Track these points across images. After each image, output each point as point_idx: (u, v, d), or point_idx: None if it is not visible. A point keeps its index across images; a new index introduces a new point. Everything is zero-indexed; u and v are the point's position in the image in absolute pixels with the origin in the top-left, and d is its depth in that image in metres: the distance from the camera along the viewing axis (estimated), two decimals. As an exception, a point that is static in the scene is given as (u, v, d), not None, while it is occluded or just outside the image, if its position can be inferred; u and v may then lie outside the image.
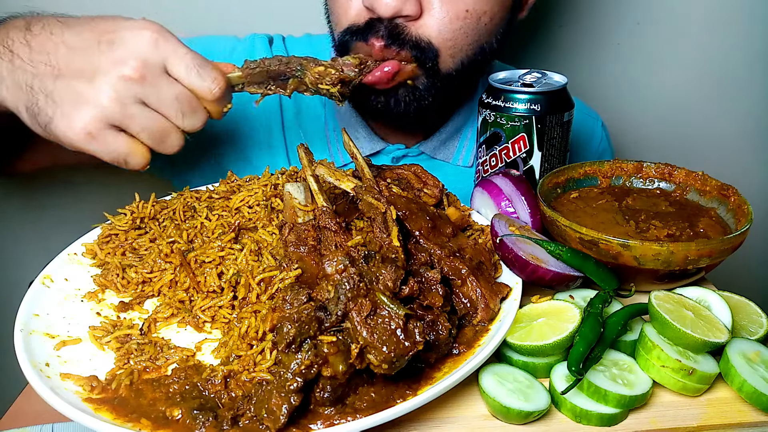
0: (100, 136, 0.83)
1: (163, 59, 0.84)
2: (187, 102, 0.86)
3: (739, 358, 0.74)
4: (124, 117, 0.83)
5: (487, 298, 0.80)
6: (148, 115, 0.84)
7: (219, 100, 0.89)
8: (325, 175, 0.92)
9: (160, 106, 0.85)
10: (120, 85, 0.81)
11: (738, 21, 1.75)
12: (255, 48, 1.31)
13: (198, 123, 0.89)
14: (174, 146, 0.88)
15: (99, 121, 0.82)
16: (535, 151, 1.04)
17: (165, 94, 0.85)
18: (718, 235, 0.90)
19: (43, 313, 0.81)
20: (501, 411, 0.70)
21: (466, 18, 1.07)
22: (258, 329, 0.74)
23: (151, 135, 0.85)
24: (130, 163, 0.87)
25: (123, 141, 0.85)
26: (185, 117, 0.87)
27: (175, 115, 0.86)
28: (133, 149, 0.86)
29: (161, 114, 0.85)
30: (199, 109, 0.88)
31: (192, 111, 0.87)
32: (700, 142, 1.89)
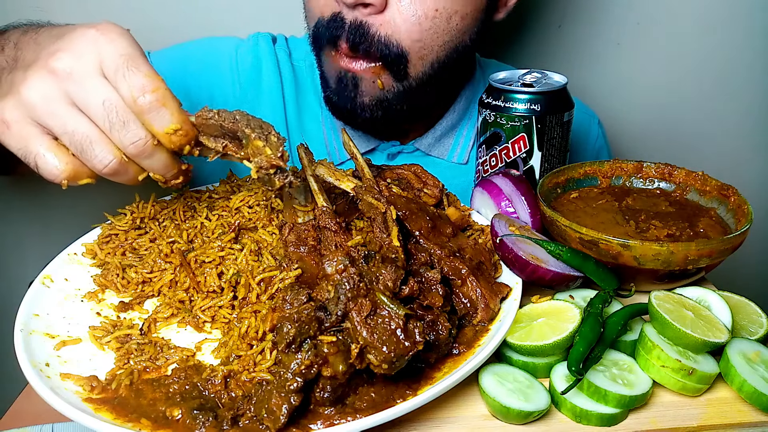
0: (16, 127, 0.74)
1: (100, 59, 0.74)
2: (115, 109, 0.73)
3: (739, 358, 0.74)
4: (45, 113, 0.73)
5: (487, 298, 0.80)
6: (74, 117, 0.73)
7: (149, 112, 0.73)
8: (325, 175, 0.92)
9: (88, 108, 0.73)
10: (48, 78, 0.73)
11: (738, 21, 1.75)
12: (258, 47, 1.31)
13: (128, 138, 0.73)
14: (100, 160, 0.74)
15: (18, 111, 0.74)
16: (535, 151, 1.04)
17: (92, 95, 0.73)
18: (718, 235, 0.90)
19: (43, 313, 0.81)
20: (501, 411, 0.70)
21: (435, 17, 1.05)
22: (258, 329, 0.74)
23: (72, 140, 0.74)
24: (40, 167, 0.75)
25: (40, 140, 0.74)
26: (113, 127, 0.73)
27: (103, 121, 0.73)
28: (49, 151, 0.74)
29: (91, 119, 0.74)
30: (129, 119, 0.73)
31: (121, 121, 0.73)
32: (700, 142, 1.89)
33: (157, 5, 1.53)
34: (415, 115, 1.21)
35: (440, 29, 1.07)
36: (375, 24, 1.04)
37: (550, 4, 1.69)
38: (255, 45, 1.31)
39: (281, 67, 1.31)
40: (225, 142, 0.82)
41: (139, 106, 0.73)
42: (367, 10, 1.03)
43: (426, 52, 1.09)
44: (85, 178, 0.77)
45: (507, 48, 1.73)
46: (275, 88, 1.29)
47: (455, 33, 1.10)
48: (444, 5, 1.05)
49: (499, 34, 1.71)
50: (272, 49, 1.31)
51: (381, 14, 1.04)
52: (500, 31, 1.71)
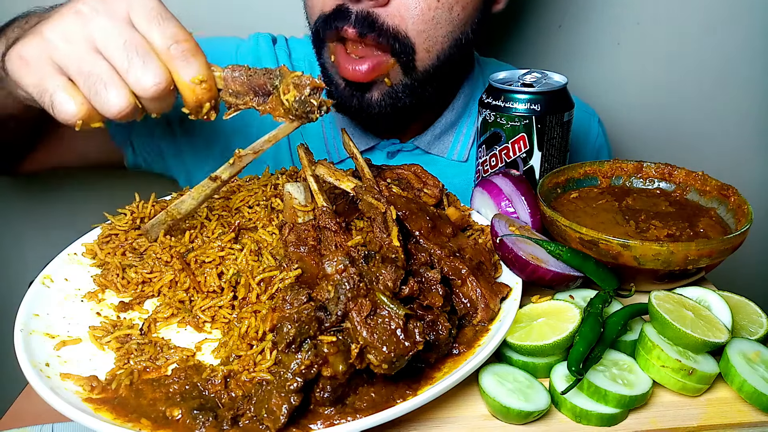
0: (35, 65, 0.75)
1: (128, 7, 0.76)
2: (138, 48, 0.75)
3: (739, 358, 0.74)
4: (64, 53, 0.75)
5: (487, 298, 0.80)
6: (92, 58, 0.75)
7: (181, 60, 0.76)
8: (325, 175, 0.92)
9: (108, 49, 0.74)
10: (72, 18, 0.75)
11: (738, 21, 1.75)
12: (259, 47, 1.31)
13: (149, 79, 0.75)
14: (111, 103, 0.74)
15: (38, 49, 0.75)
16: (535, 151, 1.04)
17: (115, 36, 0.74)
18: (718, 235, 0.90)
19: (43, 313, 0.81)
20: (501, 411, 0.70)
21: (438, 8, 1.07)
22: (258, 329, 0.74)
23: (87, 81, 0.74)
24: (55, 107, 0.75)
25: (57, 80, 0.75)
26: (133, 66, 0.74)
27: (122, 62, 0.74)
28: (65, 91, 0.75)
29: (108, 60, 0.75)
30: (151, 60, 0.75)
31: (143, 61, 0.74)
32: (700, 142, 1.89)
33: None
34: (420, 110, 1.21)
35: (443, 19, 1.08)
36: (382, 14, 1.05)
37: (550, 4, 1.69)
38: (255, 45, 1.31)
39: None
40: (247, 99, 0.85)
41: (171, 54, 0.75)
42: (372, 2, 1.04)
43: (431, 44, 1.10)
44: (96, 121, 0.77)
45: (507, 48, 1.73)
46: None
47: (457, 23, 1.11)
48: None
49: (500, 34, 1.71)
50: (272, 49, 1.32)
51: (386, 6, 1.05)
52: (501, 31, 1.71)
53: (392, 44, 1.07)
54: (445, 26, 1.09)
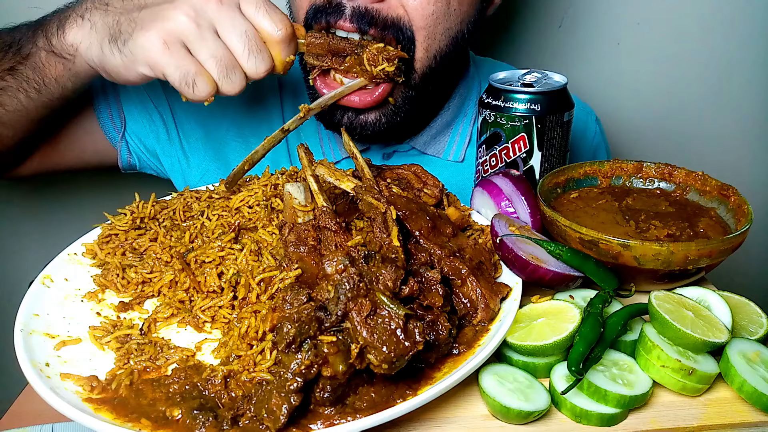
0: (175, 49, 0.86)
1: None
2: (254, 39, 0.90)
3: (739, 358, 0.74)
4: (197, 38, 0.87)
5: (487, 298, 0.80)
6: (219, 43, 0.88)
7: (284, 43, 0.92)
8: (325, 175, 0.92)
9: (230, 38, 0.89)
10: (198, 4, 0.87)
11: (738, 21, 1.75)
12: None
13: (262, 66, 0.91)
14: (236, 85, 0.91)
15: (174, 35, 0.86)
16: (535, 151, 1.04)
17: (236, 26, 0.88)
18: (718, 235, 0.90)
19: (43, 313, 0.81)
20: (501, 411, 0.70)
21: (437, 2, 1.06)
22: (258, 329, 0.74)
23: (218, 64, 0.88)
24: (198, 87, 0.89)
25: (195, 64, 0.88)
26: (250, 55, 0.90)
27: (242, 50, 0.89)
28: (202, 72, 0.88)
29: (228, 45, 0.89)
30: (264, 50, 0.91)
31: (258, 50, 0.90)
32: (700, 142, 1.89)
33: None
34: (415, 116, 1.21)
35: (441, 14, 1.08)
36: (381, 9, 1.05)
37: (550, 4, 1.69)
38: None
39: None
40: (326, 60, 1.03)
41: (278, 38, 0.92)
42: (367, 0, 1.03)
43: (430, 42, 1.09)
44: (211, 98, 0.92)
45: (507, 48, 1.73)
46: (275, 89, 1.29)
47: (454, 19, 1.11)
48: None
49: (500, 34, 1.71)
50: None
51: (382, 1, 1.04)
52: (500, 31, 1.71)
53: (397, 36, 1.06)
54: (443, 22, 1.09)
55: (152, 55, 0.88)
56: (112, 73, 0.94)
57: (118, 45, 0.90)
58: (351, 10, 1.04)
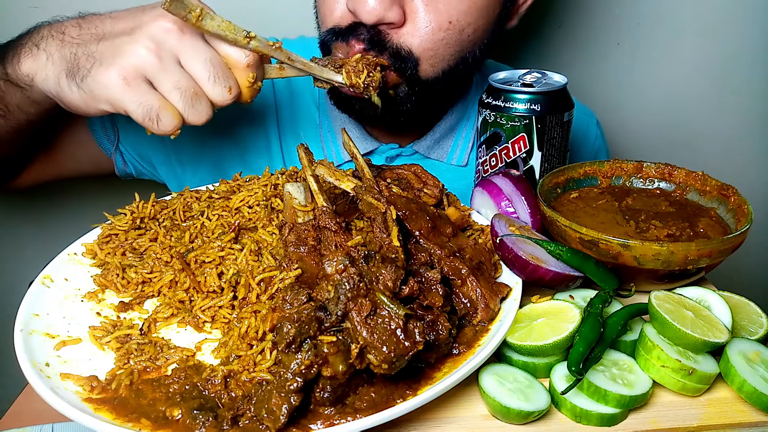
0: (135, 85, 0.82)
1: None
2: (219, 66, 0.86)
3: (739, 358, 0.74)
4: (159, 71, 0.83)
5: (487, 298, 0.80)
6: (182, 73, 0.84)
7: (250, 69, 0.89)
8: (325, 175, 0.91)
9: (193, 66, 0.84)
10: (159, 36, 0.82)
11: (738, 21, 1.75)
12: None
13: (227, 93, 0.87)
14: (202, 114, 0.87)
15: (135, 70, 0.82)
16: (535, 151, 1.04)
17: (200, 54, 0.84)
18: (718, 235, 0.90)
19: (43, 313, 0.81)
20: (501, 411, 0.70)
21: (449, 30, 1.06)
22: (258, 329, 0.74)
23: (183, 95, 0.84)
24: (163, 122, 0.85)
25: (156, 97, 0.84)
26: (216, 82, 0.85)
27: (206, 78, 0.85)
28: (165, 105, 0.84)
29: (193, 76, 0.85)
30: (229, 76, 0.87)
31: (223, 77, 0.86)
32: (700, 142, 1.89)
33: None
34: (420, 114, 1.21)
35: (452, 40, 1.08)
36: (391, 34, 1.05)
37: (550, 4, 1.69)
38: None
39: None
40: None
41: (243, 63, 0.88)
42: (386, 24, 1.04)
43: (436, 61, 1.09)
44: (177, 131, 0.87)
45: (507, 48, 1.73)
46: (268, 93, 1.29)
47: (466, 44, 1.10)
48: (458, 18, 1.06)
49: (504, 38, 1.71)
50: None
51: (399, 28, 1.05)
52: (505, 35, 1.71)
53: (393, 62, 1.06)
54: (453, 46, 1.08)
55: (112, 93, 0.83)
56: (71, 107, 0.89)
57: (77, 81, 0.85)
58: (368, 32, 1.04)
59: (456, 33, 1.07)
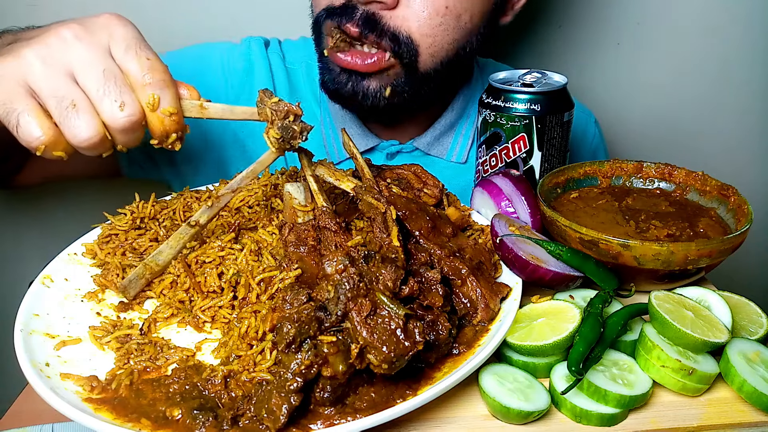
0: (7, 85, 0.73)
1: (109, 37, 0.76)
2: (114, 79, 0.74)
3: (739, 358, 0.74)
4: (40, 75, 0.73)
5: (487, 298, 0.80)
6: (65, 82, 0.73)
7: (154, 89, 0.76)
8: (325, 175, 0.92)
9: (85, 77, 0.74)
10: (53, 42, 0.74)
11: (738, 21, 1.75)
12: (251, 51, 1.31)
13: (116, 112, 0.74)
14: (81, 129, 0.73)
15: (12, 69, 0.73)
16: (535, 151, 1.04)
17: (95, 64, 0.74)
18: (718, 235, 0.90)
19: (43, 313, 0.81)
20: (501, 411, 0.70)
21: (446, 14, 1.07)
22: (258, 329, 0.74)
23: (59, 105, 0.73)
24: (21, 128, 0.73)
25: (26, 101, 0.73)
26: (105, 96, 0.73)
27: (95, 90, 0.73)
28: (32, 113, 0.73)
29: (82, 87, 0.74)
30: (127, 93, 0.75)
31: (116, 91, 0.74)
32: (700, 142, 1.89)
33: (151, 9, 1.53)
34: (416, 108, 1.22)
35: (450, 26, 1.08)
36: (386, 16, 1.06)
37: (550, 4, 1.69)
38: (247, 48, 1.32)
39: (274, 70, 1.32)
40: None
41: (146, 81, 0.76)
42: (380, 5, 1.05)
43: (436, 49, 1.10)
44: (60, 149, 0.76)
45: (507, 48, 1.73)
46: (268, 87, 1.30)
47: (464, 32, 1.11)
48: (454, 3, 1.07)
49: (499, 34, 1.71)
50: (264, 52, 1.32)
51: (393, 10, 1.06)
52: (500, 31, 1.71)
53: (392, 46, 1.07)
54: (452, 33, 1.09)
55: None
56: None
57: None
58: (360, 14, 1.05)
59: (453, 19, 1.08)
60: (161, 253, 0.85)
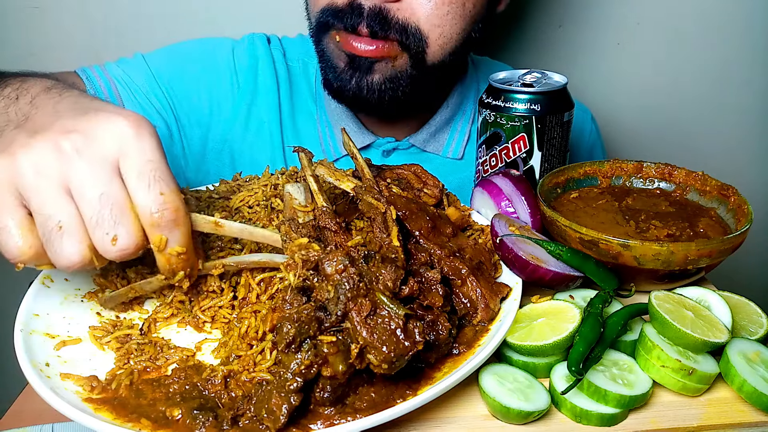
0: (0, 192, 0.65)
1: (120, 154, 0.66)
2: (112, 206, 0.66)
3: (739, 358, 0.74)
4: (31, 187, 0.64)
5: (487, 298, 0.80)
6: (58, 201, 0.65)
7: (160, 230, 0.68)
8: (325, 175, 0.92)
9: (81, 197, 0.65)
10: (50, 153, 0.65)
11: (738, 21, 1.75)
12: (255, 48, 1.31)
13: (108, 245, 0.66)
14: (64, 254, 0.66)
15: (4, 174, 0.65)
16: (535, 151, 1.04)
17: (92, 184, 0.65)
18: (718, 235, 0.90)
19: (43, 313, 0.81)
20: (501, 411, 0.70)
21: (452, 3, 1.07)
22: (258, 329, 0.74)
23: (44, 224, 0.65)
24: (1, 241, 0.66)
25: (14, 212, 0.65)
26: (98, 225, 0.65)
27: (91, 215, 0.65)
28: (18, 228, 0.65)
29: (77, 207, 0.66)
30: (122, 222, 0.66)
31: (111, 220, 0.65)
32: (700, 142, 1.89)
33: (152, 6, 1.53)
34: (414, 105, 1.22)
35: (457, 14, 1.09)
36: (393, 9, 1.06)
37: (550, 4, 1.69)
38: (251, 45, 1.32)
39: (277, 67, 1.32)
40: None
41: (154, 219, 0.67)
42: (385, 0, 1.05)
43: (445, 40, 1.11)
44: (45, 264, 0.69)
45: (507, 48, 1.73)
46: (271, 88, 1.30)
47: (469, 19, 1.12)
48: None
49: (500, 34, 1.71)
50: (268, 49, 1.32)
51: (399, 1, 1.06)
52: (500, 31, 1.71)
53: (401, 38, 1.07)
54: (459, 22, 1.10)
55: None
56: None
57: None
58: (368, 11, 1.05)
59: (459, 7, 1.09)
60: (150, 283, 0.79)
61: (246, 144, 1.30)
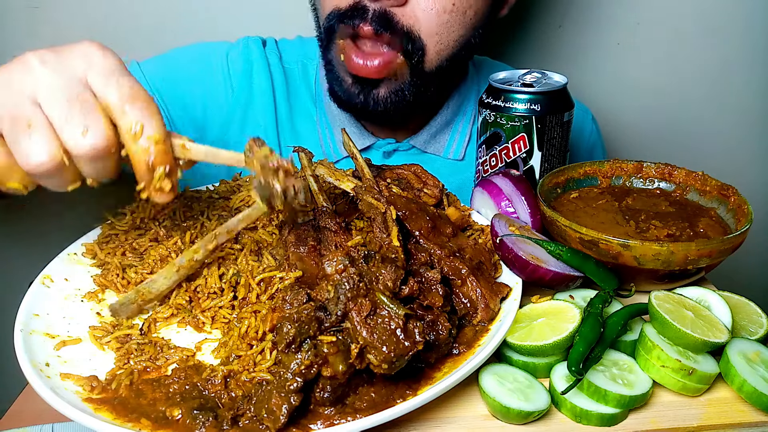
0: None
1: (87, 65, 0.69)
2: (81, 104, 0.66)
3: (739, 358, 0.74)
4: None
5: (487, 298, 0.80)
6: (24, 102, 0.66)
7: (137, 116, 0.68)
8: (325, 175, 0.92)
9: (48, 100, 0.66)
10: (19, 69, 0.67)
11: (738, 21, 1.75)
12: (249, 51, 1.31)
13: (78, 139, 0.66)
14: (31, 152, 0.65)
15: None
16: (535, 151, 1.04)
17: (62, 90, 0.66)
18: (718, 235, 0.90)
19: (43, 313, 0.81)
20: (501, 411, 0.70)
21: (453, 11, 1.07)
22: (258, 329, 0.74)
23: (12, 126, 0.65)
24: None
25: None
26: (68, 121, 0.66)
27: (58, 117, 0.65)
28: None
29: (44, 112, 0.66)
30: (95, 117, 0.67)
31: (81, 115, 0.66)
32: (700, 142, 1.89)
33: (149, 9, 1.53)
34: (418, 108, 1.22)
35: (456, 23, 1.09)
36: (398, 14, 1.06)
37: (550, 4, 1.69)
38: (245, 49, 1.31)
39: (272, 70, 1.32)
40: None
41: (127, 109, 0.68)
42: (390, 2, 1.05)
43: (442, 47, 1.10)
44: (13, 180, 0.69)
45: (507, 48, 1.73)
46: (266, 91, 1.30)
47: (468, 28, 1.12)
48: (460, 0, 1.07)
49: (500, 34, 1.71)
50: (263, 52, 1.32)
51: (403, 6, 1.06)
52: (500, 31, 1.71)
53: (405, 44, 1.07)
54: (457, 30, 1.10)
55: None
56: None
57: None
58: (372, 13, 1.05)
59: (459, 15, 1.08)
60: (155, 282, 0.81)
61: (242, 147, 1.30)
